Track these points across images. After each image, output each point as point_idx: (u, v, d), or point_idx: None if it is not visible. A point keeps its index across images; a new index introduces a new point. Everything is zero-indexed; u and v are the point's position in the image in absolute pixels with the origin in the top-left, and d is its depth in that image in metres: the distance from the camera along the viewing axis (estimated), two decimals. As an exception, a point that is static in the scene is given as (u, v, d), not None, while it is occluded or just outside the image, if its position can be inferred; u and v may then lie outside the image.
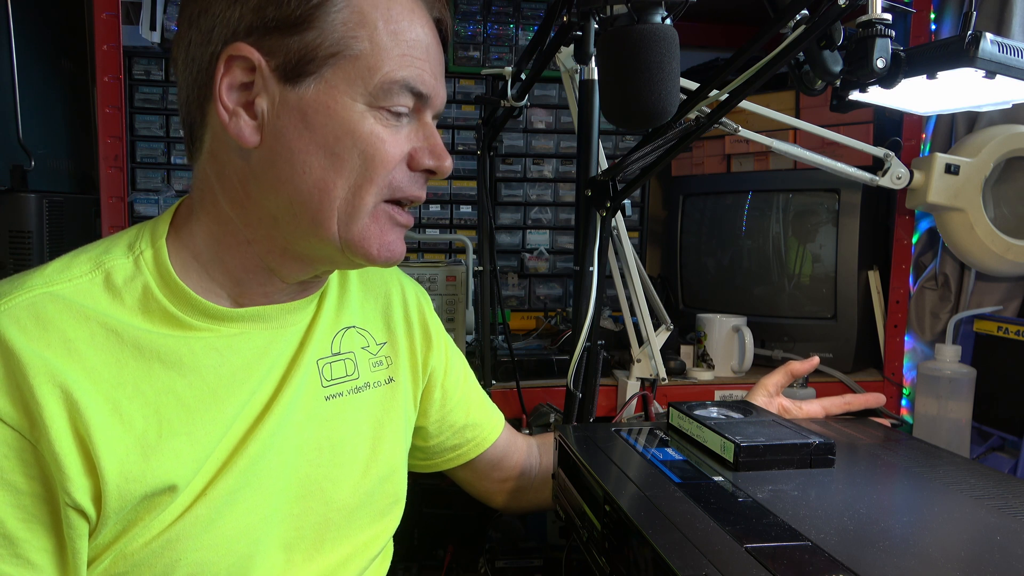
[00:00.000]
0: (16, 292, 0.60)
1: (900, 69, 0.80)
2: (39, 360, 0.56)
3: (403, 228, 0.71)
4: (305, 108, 0.63)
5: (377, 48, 0.64)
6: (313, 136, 0.64)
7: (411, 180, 0.69)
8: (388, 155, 0.66)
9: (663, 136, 0.91)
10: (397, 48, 0.65)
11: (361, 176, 0.65)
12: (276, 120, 0.64)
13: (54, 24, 1.76)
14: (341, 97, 0.64)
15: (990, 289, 1.44)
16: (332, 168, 0.64)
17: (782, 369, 1.00)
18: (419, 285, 0.93)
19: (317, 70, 0.63)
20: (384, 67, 0.64)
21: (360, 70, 0.64)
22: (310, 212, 0.65)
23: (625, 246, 1.18)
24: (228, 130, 0.64)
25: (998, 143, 1.33)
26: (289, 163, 0.64)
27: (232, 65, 0.64)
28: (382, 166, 0.66)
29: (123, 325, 0.62)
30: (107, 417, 0.58)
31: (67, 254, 0.67)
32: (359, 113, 0.64)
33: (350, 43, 0.63)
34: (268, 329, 0.71)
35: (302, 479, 0.71)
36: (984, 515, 0.64)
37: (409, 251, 1.81)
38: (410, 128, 0.69)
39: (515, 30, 1.76)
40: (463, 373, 0.95)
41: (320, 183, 0.65)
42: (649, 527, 0.59)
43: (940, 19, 1.47)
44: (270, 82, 0.64)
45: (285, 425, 0.70)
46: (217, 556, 0.63)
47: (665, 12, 0.72)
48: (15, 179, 1.47)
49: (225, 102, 0.64)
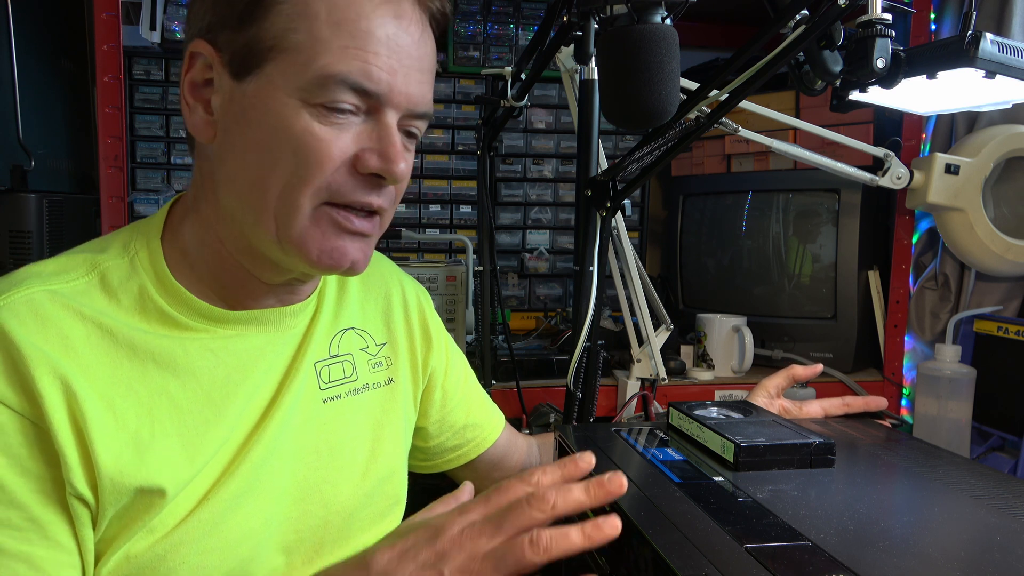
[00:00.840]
0: (14, 289, 0.60)
1: (900, 69, 0.80)
2: (39, 352, 0.56)
3: (356, 235, 0.65)
4: (246, 104, 0.62)
5: (314, 40, 0.60)
6: (251, 132, 0.62)
7: (356, 184, 0.63)
8: (324, 155, 0.61)
9: (663, 136, 0.91)
10: (338, 40, 0.60)
11: (295, 176, 0.61)
12: (224, 116, 0.64)
13: (54, 24, 1.76)
14: (276, 92, 0.61)
15: (990, 289, 1.44)
16: (267, 166, 0.62)
17: (784, 372, 1.00)
18: (420, 285, 0.93)
19: (259, 65, 0.61)
20: (320, 60, 0.60)
21: (296, 64, 0.60)
22: (252, 211, 0.64)
23: (625, 246, 1.18)
24: (186, 124, 0.65)
25: (998, 143, 1.33)
26: (233, 159, 0.64)
27: (195, 61, 0.64)
28: (317, 166, 0.61)
29: (119, 325, 0.62)
30: (102, 413, 0.58)
31: (63, 254, 0.67)
32: (293, 109, 0.61)
33: (288, 36, 0.60)
34: (265, 332, 0.71)
35: (300, 482, 0.71)
36: (984, 515, 0.64)
37: (409, 251, 1.81)
38: (362, 128, 0.63)
39: (515, 30, 1.76)
40: (464, 373, 0.95)
41: (257, 181, 0.63)
42: (649, 527, 0.59)
43: (940, 19, 1.47)
44: (223, 78, 0.63)
45: (285, 429, 0.70)
46: (219, 560, 0.63)
47: (665, 12, 0.72)
48: (15, 179, 1.47)
49: (187, 97, 0.65)
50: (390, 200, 0.67)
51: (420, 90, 0.65)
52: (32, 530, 0.55)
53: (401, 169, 0.64)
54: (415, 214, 1.79)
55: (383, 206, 0.66)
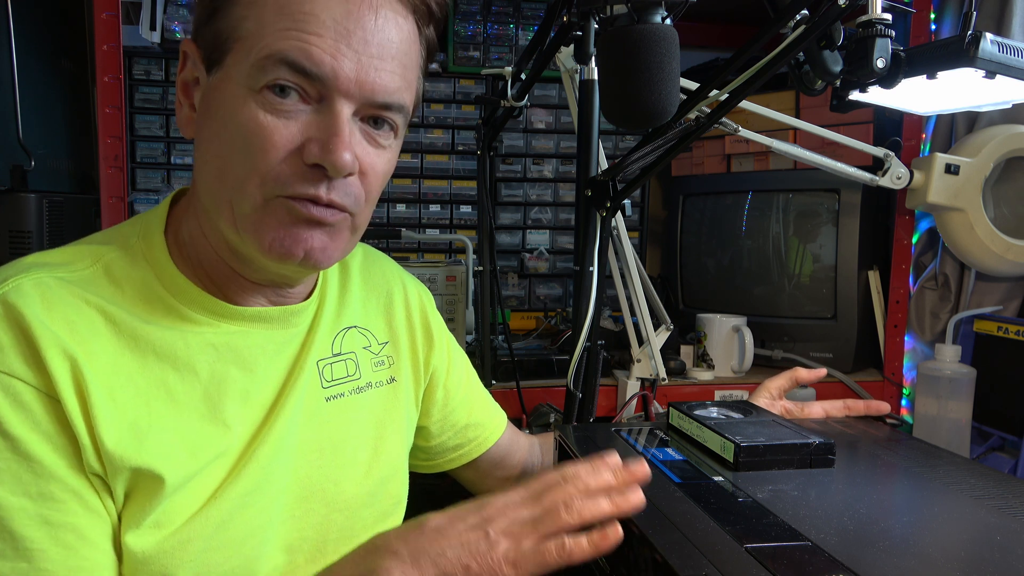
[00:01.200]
0: (23, 274, 0.60)
1: (900, 69, 0.80)
2: (48, 332, 0.57)
3: (316, 224, 0.63)
4: (211, 97, 0.63)
5: (260, 25, 0.60)
6: (213, 124, 0.63)
7: (301, 175, 0.61)
8: (267, 143, 0.60)
9: (663, 136, 0.91)
10: (280, 23, 0.59)
11: (243, 166, 0.61)
12: (199, 111, 0.66)
13: (54, 24, 1.76)
14: (230, 83, 0.61)
15: (990, 289, 1.44)
16: (224, 157, 0.62)
17: (787, 374, 1.00)
18: (422, 284, 0.92)
19: (220, 58, 0.62)
20: (261, 43, 0.59)
21: (244, 52, 0.60)
22: (215, 203, 0.64)
23: (625, 246, 1.18)
24: (176, 121, 0.68)
25: (998, 143, 1.33)
26: (201, 153, 0.65)
27: (186, 61, 0.66)
28: (262, 155, 0.60)
29: (122, 314, 0.62)
30: (104, 398, 0.59)
31: (67, 246, 0.67)
32: (241, 98, 0.60)
33: (240, 25, 0.61)
34: (268, 329, 0.71)
35: (303, 481, 0.71)
36: (984, 515, 0.64)
37: (409, 251, 1.81)
38: (312, 117, 0.61)
39: (515, 30, 1.76)
40: (465, 372, 0.95)
41: (218, 173, 0.63)
42: (649, 527, 0.59)
43: (940, 19, 1.47)
44: (202, 74, 0.65)
45: (291, 428, 0.70)
46: (224, 557, 0.63)
47: (665, 12, 0.72)
48: (15, 179, 1.47)
49: (179, 96, 0.67)
50: (350, 196, 0.64)
51: (380, 78, 0.62)
52: (73, 500, 0.57)
53: (344, 159, 0.60)
54: (415, 214, 1.79)
55: (335, 200, 0.63)
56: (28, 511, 0.54)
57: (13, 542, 0.54)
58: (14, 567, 0.53)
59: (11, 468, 0.54)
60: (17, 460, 0.55)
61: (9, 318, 0.56)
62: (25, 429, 0.55)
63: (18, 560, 0.54)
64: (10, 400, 0.55)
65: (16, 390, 0.55)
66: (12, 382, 0.55)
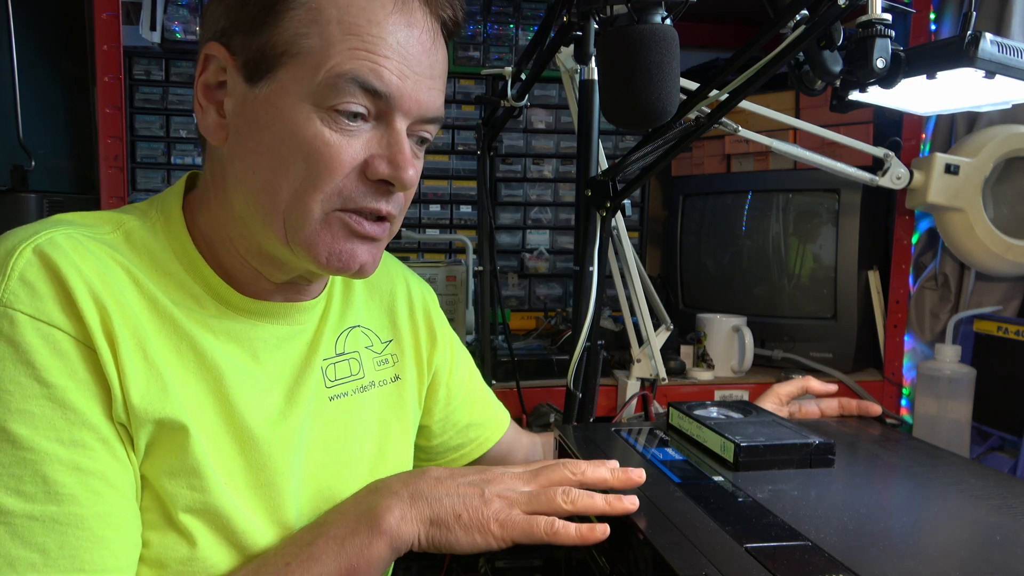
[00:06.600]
0: (53, 227, 0.61)
1: (900, 69, 0.80)
2: (83, 282, 0.58)
3: (368, 239, 0.67)
4: (258, 108, 0.63)
5: (326, 43, 0.61)
6: (263, 137, 0.63)
7: (366, 190, 0.65)
8: (334, 161, 0.62)
9: (663, 136, 0.91)
10: (348, 43, 0.61)
11: (306, 181, 0.63)
12: (236, 119, 0.65)
13: (54, 24, 1.76)
14: (288, 98, 0.62)
15: (990, 289, 1.44)
16: (278, 171, 0.63)
17: (798, 381, 1.00)
18: (425, 283, 0.93)
19: (271, 70, 0.62)
20: (330, 62, 0.61)
21: (308, 68, 0.61)
22: (260, 214, 0.65)
23: (625, 246, 1.18)
24: (198, 126, 0.67)
25: (998, 143, 1.33)
26: (243, 163, 0.65)
27: (208, 64, 0.65)
28: (327, 172, 0.62)
29: (143, 279, 0.63)
30: (133, 349, 0.60)
31: (87, 212, 0.67)
32: (305, 115, 0.62)
33: (300, 41, 0.61)
34: (277, 326, 0.71)
35: (310, 480, 0.71)
36: (984, 515, 0.64)
37: (409, 251, 1.81)
38: (373, 134, 0.64)
39: (515, 30, 1.76)
40: (468, 372, 0.95)
41: (267, 185, 0.64)
42: (649, 527, 0.59)
43: (940, 19, 1.47)
44: (236, 82, 0.64)
45: (298, 427, 0.70)
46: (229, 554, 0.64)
47: (665, 12, 0.72)
48: (15, 179, 1.47)
49: (200, 99, 0.66)
50: (399, 207, 0.68)
51: (430, 96, 0.66)
52: (103, 448, 0.58)
53: (410, 176, 0.65)
54: (415, 214, 1.79)
55: (392, 212, 0.67)
56: (61, 457, 0.55)
57: (45, 486, 0.55)
58: (44, 510, 0.55)
59: (47, 415, 0.55)
60: (52, 407, 0.56)
61: (47, 268, 0.57)
62: (63, 377, 0.56)
63: (48, 503, 0.55)
64: (49, 348, 0.56)
65: (55, 339, 0.56)
66: (51, 331, 0.56)
